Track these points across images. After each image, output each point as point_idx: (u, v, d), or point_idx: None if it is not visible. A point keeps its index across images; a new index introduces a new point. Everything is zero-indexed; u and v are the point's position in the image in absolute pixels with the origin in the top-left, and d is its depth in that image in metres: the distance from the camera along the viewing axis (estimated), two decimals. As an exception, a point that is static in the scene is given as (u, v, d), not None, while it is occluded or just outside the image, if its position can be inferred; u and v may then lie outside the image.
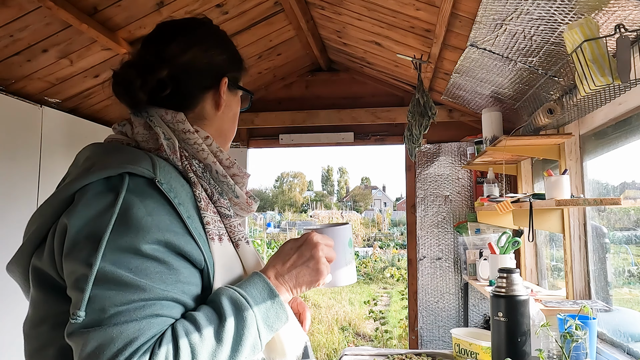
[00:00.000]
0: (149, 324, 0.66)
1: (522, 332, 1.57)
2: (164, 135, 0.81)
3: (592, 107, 1.87)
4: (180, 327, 0.68)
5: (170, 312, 0.69)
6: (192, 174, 0.81)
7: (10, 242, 2.17)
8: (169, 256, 0.70)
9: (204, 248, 0.74)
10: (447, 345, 3.25)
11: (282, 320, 0.77)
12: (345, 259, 0.89)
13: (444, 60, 2.54)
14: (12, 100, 2.34)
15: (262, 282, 0.77)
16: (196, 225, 0.75)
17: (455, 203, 3.39)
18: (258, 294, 0.75)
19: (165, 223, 0.71)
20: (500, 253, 2.52)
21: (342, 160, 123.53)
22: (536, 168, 2.87)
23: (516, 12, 1.57)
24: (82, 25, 1.98)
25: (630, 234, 1.92)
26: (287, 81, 3.69)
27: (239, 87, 0.94)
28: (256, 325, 0.72)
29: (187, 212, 0.75)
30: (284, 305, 0.77)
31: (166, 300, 0.69)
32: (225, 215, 0.82)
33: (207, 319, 0.70)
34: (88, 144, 0.88)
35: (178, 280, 0.71)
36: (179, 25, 0.91)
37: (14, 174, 2.33)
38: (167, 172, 0.76)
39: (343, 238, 0.89)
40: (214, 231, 0.78)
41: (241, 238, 0.83)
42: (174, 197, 0.73)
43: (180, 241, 0.71)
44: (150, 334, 0.66)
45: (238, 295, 0.73)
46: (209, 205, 0.80)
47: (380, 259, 14.42)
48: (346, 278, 0.89)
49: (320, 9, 2.66)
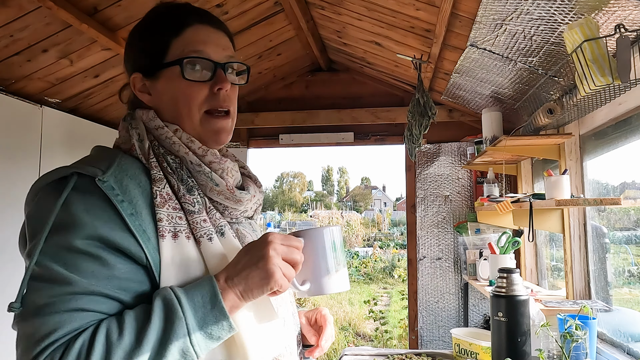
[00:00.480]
0: (71, 317, 0.67)
1: (522, 332, 1.57)
2: (138, 137, 0.83)
3: (592, 107, 1.87)
4: (105, 324, 0.68)
5: (98, 307, 0.69)
6: (159, 170, 0.80)
7: (10, 242, 2.17)
8: (103, 252, 0.71)
9: (144, 245, 0.73)
10: (447, 345, 3.25)
11: (223, 328, 0.70)
12: (326, 264, 0.80)
13: (444, 60, 2.54)
14: (12, 100, 2.34)
15: (208, 285, 0.71)
16: (141, 222, 0.73)
17: (455, 203, 3.39)
18: (199, 298, 0.70)
19: (102, 219, 0.71)
20: (500, 253, 2.52)
21: (342, 160, 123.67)
22: (536, 168, 2.87)
23: (516, 12, 1.57)
24: (82, 25, 1.98)
25: (630, 234, 1.92)
26: (287, 81, 3.69)
27: (155, 69, 0.85)
28: (186, 329, 0.68)
29: (133, 209, 0.74)
30: (224, 311, 0.70)
31: (94, 295, 0.69)
32: (188, 211, 0.78)
33: (134, 318, 0.68)
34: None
35: (112, 276, 0.71)
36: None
37: (14, 174, 2.33)
38: (124, 171, 0.77)
39: (321, 241, 0.80)
40: (167, 228, 0.75)
41: (203, 235, 0.78)
42: (115, 195, 0.73)
43: (117, 237, 0.71)
44: (70, 327, 0.67)
45: (172, 297, 0.69)
46: (168, 202, 0.77)
47: (380, 259, 14.42)
48: (332, 285, 0.81)
49: (320, 9, 2.66)
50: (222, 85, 0.83)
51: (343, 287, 0.82)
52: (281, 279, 0.72)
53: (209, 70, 0.84)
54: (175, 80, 0.83)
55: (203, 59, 0.83)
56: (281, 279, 0.72)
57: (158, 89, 0.86)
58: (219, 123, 0.85)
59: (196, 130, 0.85)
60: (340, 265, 0.82)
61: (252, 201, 0.89)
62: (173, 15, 0.86)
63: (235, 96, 0.89)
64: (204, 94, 0.84)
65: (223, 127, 0.86)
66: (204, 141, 0.85)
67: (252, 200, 0.89)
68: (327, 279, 0.81)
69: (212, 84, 0.84)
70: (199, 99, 0.84)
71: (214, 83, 0.84)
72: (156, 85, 0.86)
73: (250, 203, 0.89)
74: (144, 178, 0.79)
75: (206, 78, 0.84)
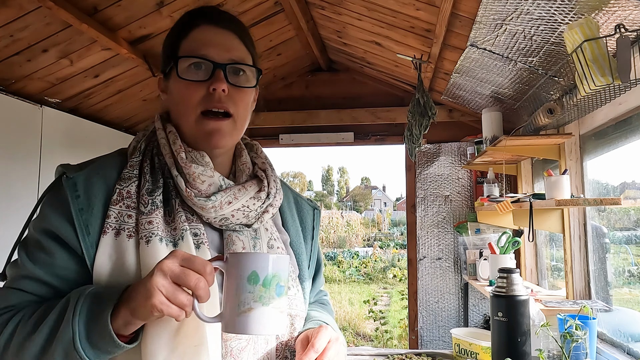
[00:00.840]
0: (10, 294, 0.77)
1: (522, 332, 1.57)
2: (142, 136, 0.90)
3: (592, 107, 1.87)
4: (28, 308, 0.75)
5: (33, 288, 0.77)
6: (134, 169, 0.83)
7: (10, 242, 2.16)
8: (48, 241, 0.78)
9: (81, 238, 0.76)
10: (447, 345, 3.25)
11: (107, 342, 0.68)
12: (238, 298, 0.67)
13: (444, 60, 2.54)
14: (12, 100, 2.34)
15: (108, 295, 0.70)
16: (88, 217, 0.78)
17: (455, 203, 3.39)
18: (96, 306, 0.69)
19: (57, 213, 0.78)
20: (500, 253, 2.52)
21: (342, 160, 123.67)
22: (536, 168, 2.87)
23: (516, 12, 1.57)
24: (82, 25, 1.98)
25: (630, 234, 1.92)
26: (287, 81, 3.69)
27: (169, 69, 0.87)
28: (71, 333, 0.68)
29: (87, 204, 0.78)
30: (107, 326, 0.67)
31: (32, 279, 0.77)
32: (140, 212, 0.79)
33: (46, 308, 0.74)
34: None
35: (51, 264, 0.77)
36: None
37: (14, 174, 2.33)
38: (97, 169, 0.82)
39: (238, 269, 0.68)
40: (112, 225, 0.78)
41: (143, 237, 0.76)
42: (74, 191, 0.79)
43: (61, 228, 0.77)
44: (7, 302, 0.76)
45: (75, 299, 0.70)
46: (125, 200, 0.80)
47: (380, 259, 14.42)
48: (241, 325, 0.67)
49: (320, 9, 2.66)
50: (216, 86, 0.81)
51: (261, 330, 0.68)
52: (161, 303, 0.64)
53: (208, 70, 0.82)
54: (176, 79, 0.84)
55: (200, 58, 0.82)
56: (161, 303, 0.64)
57: (169, 88, 0.88)
58: (211, 124, 0.82)
59: (192, 130, 0.84)
60: (259, 304, 0.67)
61: (226, 208, 0.82)
62: (187, 17, 0.88)
63: (242, 99, 0.86)
64: (200, 94, 0.82)
65: (217, 128, 0.82)
66: (198, 142, 0.84)
67: (228, 207, 0.82)
68: (235, 317, 0.68)
69: (209, 84, 0.82)
70: (195, 99, 0.82)
71: (210, 83, 0.82)
72: (168, 85, 0.89)
73: (225, 210, 0.82)
74: (115, 176, 0.83)
75: (203, 78, 0.82)
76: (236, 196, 0.83)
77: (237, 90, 0.85)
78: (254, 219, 0.87)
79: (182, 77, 0.82)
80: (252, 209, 0.85)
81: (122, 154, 0.87)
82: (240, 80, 0.86)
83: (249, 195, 0.85)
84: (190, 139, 0.85)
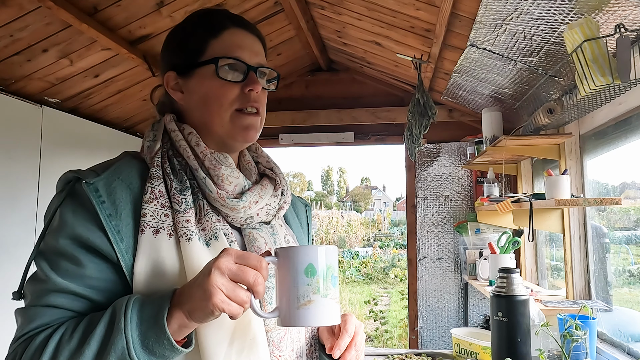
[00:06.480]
0: (43, 313, 0.73)
1: (522, 332, 1.57)
2: (153, 137, 0.87)
3: (592, 107, 1.87)
4: (67, 323, 0.72)
5: (69, 304, 0.73)
6: (159, 169, 0.82)
7: (10, 241, 2.17)
8: (78, 250, 0.74)
9: (115, 244, 0.74)
10: (447, 345, 3.25)
11: (164, 346, 0.67)
12: (296, 292, 0.69)
13: (444, 60, 2.54)
14: (12, 100, 2.34)
15: (160, 299, 0.69)
16: (118, 222, 0.75)
17: (455, 203, 3.39)
18: (148, 311, 0.68)
19: (82, 220, 0.75)
20: (500, 253, 2.52)
21: (342, 160, 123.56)
22: (536, 168, 2.87)
23: (516, 12, 1.57)
24: (82, 25, 1.98)
25: (630, 234, 1.92)
26: (287, 81, 3.68)
27: (190, 67, 0.88)
28: (125, 342, 0.67)
29: (113, 210, 0.76)
30: (164, 329, 0.67)
31: (65, 293, 0.73)
32: (175, 211, 0.79)
33: (88, 322, 0.70)
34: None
35: (84, 275, 0.74)
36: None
37: (14, 174, 2.33)
38: (117, 174, 0.80)
39: (293, 263, 0.69)
40: (149, 223, 0.77)
41: (182, 235, 0.77)
42: (98, 197, 0.76)
43: (90, 236, 0.74)
44: (40, 322, 0.72)
45: (122, 307, 0.69)
46: (158, 199, 0.79)
47: (380, 259, 14.42)
48: (301, 318, 0.68)
49: (320, 9, 2.66)
50: (253, 87, 0.86)
51: (321, 321, 0.70)
52: (222, 302, 0.64)
53: (242, 72, 0.87)
54: (209, 78, 0.86)
55: (238, 60, 0.86)
56: (222, 302, 0.64)
57: (190, 87, 0.88)
58: (248, 119, 0.87)
59: (225, 127, 0.87)
60: (318, 295, 0.69)
61: (253, 208, 0.86)
62: (213, 18, 0.90)
63: (265, 100, 0.91)
64: (235, 93, 0.86)
65: (252, 123, 0.87)
66: (232, 138, 0.87)
67: (255, 206, 0.86)
68: (295, 310, 0.68)
69: (244, 85, 0.86)
70: (230, 98, 0.86)
71: (245, 84, 0.86)
72: (189, 83, 0.88)
73: (252, 209, 0.86)
74: (136, 179, 0.81)
75: (238, 79, 0.86)
76: (260, 195, 0.87)
77: (263, 92, 0.90)
78: (272, 216, 0.91)
79: (221, 77, 0.85)
80: (272, 207, 0.90)
81: (134, 157, 0.86)
82: (266, 84, 0.93)
83: (269, 194, 0.89)
84: (219, 137, 0.88)
